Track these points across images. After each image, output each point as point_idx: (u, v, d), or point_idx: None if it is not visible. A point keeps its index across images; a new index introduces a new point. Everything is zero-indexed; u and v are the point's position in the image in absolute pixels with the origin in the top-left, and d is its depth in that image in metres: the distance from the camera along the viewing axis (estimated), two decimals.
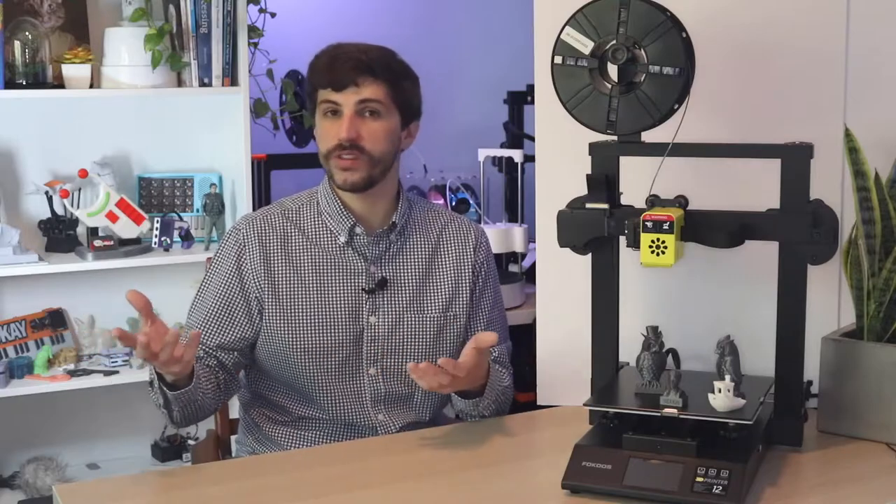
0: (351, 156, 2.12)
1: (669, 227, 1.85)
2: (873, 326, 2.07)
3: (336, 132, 2.13)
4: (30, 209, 3.37)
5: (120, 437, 3.54)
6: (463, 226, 2.32)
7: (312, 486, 1.90)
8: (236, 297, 2.16)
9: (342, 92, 2.13)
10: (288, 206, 2.25)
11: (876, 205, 2.03)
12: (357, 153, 2.13)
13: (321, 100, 2.16)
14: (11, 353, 3.25)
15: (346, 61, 2.13)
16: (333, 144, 2.13)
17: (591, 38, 1.93)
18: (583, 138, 2.03)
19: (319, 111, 2.17)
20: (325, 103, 2.15)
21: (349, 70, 2.12)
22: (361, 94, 2.12)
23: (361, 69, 2.13)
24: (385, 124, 2.15)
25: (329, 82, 2.14)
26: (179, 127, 3.53)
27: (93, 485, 2.21)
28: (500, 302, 2.36)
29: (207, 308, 2.17)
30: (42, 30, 3.19)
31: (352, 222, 2.18)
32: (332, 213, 2.20)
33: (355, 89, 2.12)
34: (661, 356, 1.99)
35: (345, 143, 2.12)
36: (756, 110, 2.24)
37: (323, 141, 2.17)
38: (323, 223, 2.21)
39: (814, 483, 1.89)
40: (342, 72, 2.12)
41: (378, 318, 2.19)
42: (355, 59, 2.13)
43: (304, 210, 2.23)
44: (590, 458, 1.81)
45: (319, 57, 2.18)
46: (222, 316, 2.16)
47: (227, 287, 2.17)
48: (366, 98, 2.13)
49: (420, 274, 2.23)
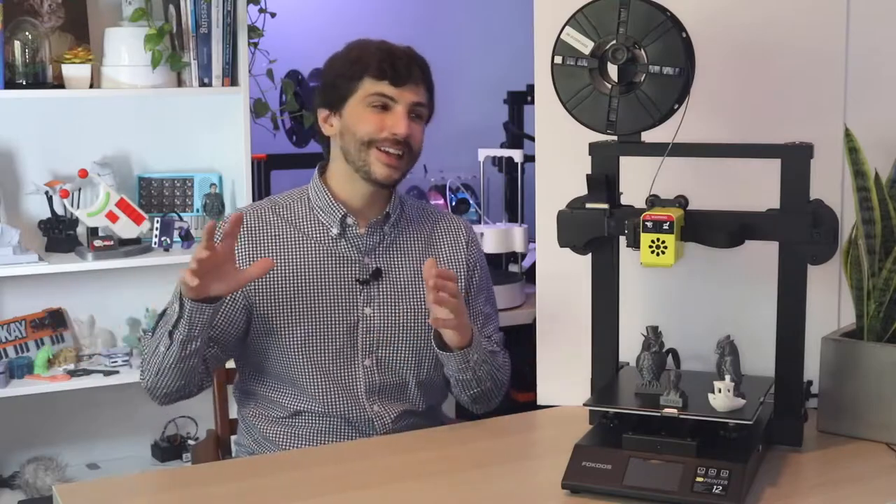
0: (399, 152, 2.15)
1: (669, 227, 1.85)
2: (873, 326, 2.07)
3: (389, 125, 2.14)
4: (30, 209, 3.37)
5: (120, 437, 3.54)
6: (454, 222, 2.35)
7: (312, 486, 1.90)
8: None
9: (402, 87, 2.15)
10: (279, 203, 2.26)
11: (876, 205, 2.03)
12: (405, 150, 2.16)
13: (373, 91, 2.15)
14: (11, 353, 3.25)
15: (410, 59, 2.17)
16: (384, 136, 2.14)
17: (591, 38, 1.93)
18: (583, 138, 2.03)
19: (363, 102, 2.16)
20: (377, 95, 2.15)
21: (414, 68, 2.16)
22: (418, 94, 2.17)
23: (423, 71, 2.18)
24: (422, 127, 2.22)
25: (391, 74, 2.14)
26: (179, 127, 3.52)
27: (93, 485, 2.21)
28: (493, 295, 2.39)
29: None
30: (42, 30, 3.19)
31: (342, 213, 2.19)
32: (324, 206, 2.21)
33: (414, 87, 2.16)
34: (661, 356, 1.99)
35: (399, 139, 2.14)
36: (756, 110, 2.24)
37: (368, 129, 2.15)
38: (315, 217, 2.22)
39: (814, 483, 1.89)
40: (406, 67, 2.15)
41: (373, 309, 2.19)
42: (416, 59, 2.18)
43: (295, 205, 2.24)
44: (590, 458, 1.81)
45: (367, 48, 2.18)
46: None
47: None
48: (419, 100, 2.18)
49: (414, 265, 2.25)
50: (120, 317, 3.45)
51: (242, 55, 3.34)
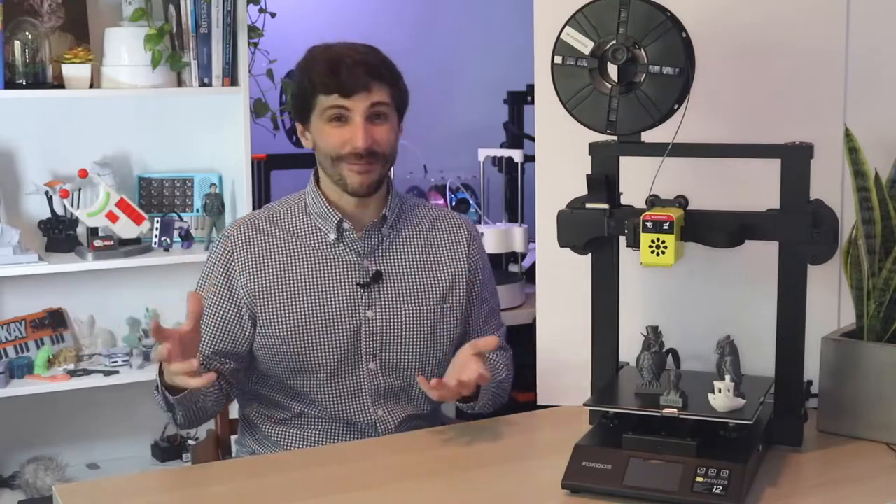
0: (366, 162, 2.13)
1: (669, 227, 1.85)
2: (873, 326, 2.07)
3: (348, 139, 2.11)
4: (30, 209, 3.37)
5: (120, 437, 3.54)
6: (454, 220, 2.33)
7: (312, 486, 1.90)
8: (227, 307, 2.16)
9: (352, 97, 2.10)
10: (276, 210, 2.25)
11: (876, 205, 2.03)
12: (372, 159, 2.13)
13: (327, 105, 2.12)
14: (11, 353, 3.25)
15: (354, 66, 2.10)
16: (346, 151, 2.12)
17: (591, 38, 1.93)
18: (583, 138, 2.03)
19: (322, 117, 2.14)
20: (332, 109, 2.12)
21: (360, 75, 2.10)
22: (372, 98, 2.11)
23: (371, 74, 2.11)
24: (391, 125, 2.17)
25: (337, 88, 2.10)
26: (179, 127, 3.52)
27: (93, 485, 2.21)
28: (495, 292, 2.39)
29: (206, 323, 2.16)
30: (42, 30, 3.19)
31: (338, 218, 2.19)
32: (320, 212, 2.21)
33: (365, 94, 2.11)
34: (661, 356, 1.99)
35: (361, 153, 2.11)
36: (756, 110, 2.24)
37: (331, 146, 2.14)
38: (312, 223, 2.22)
39: (814, 483, 1.89)
40: (351, 76, 2.10)
41: (375, 312, 2.19)
42: (363, 64, 2.11)
43: (292, 212, 2.24)
44: (590, 458, 1.81)
45: (315, 60, 2.15)
46: (215, 326, 2.16)
47: (218, 298, 2.17)
48: (376, 101, 2.12)
49: (414, 266, 2.24)
50: (120, 317, 3.45)
51: (242, 55, 3.34)
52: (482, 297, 2.32)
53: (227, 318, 2.16)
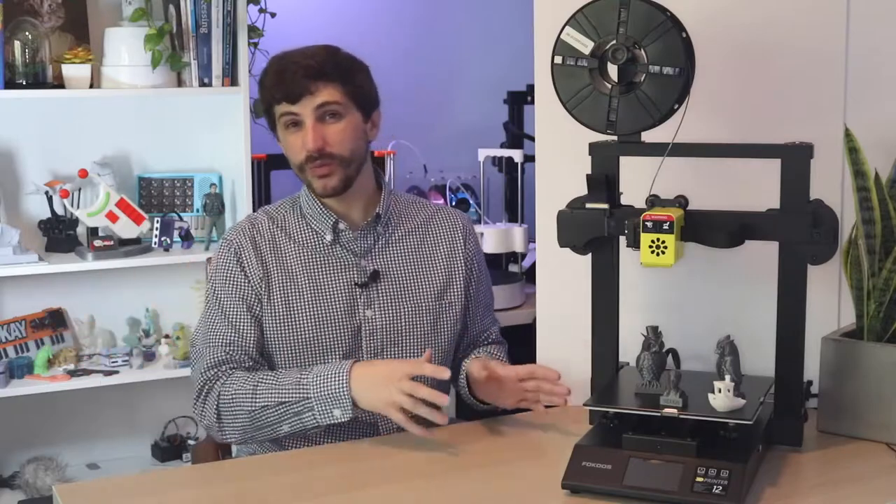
0: (323, 163, 2.13)
1: (669, 227, 1.85)
2: (873, 326, 2.07)
3: (302, 144, 2.13)
4: (30, 209, 3.37)
5: (120, 437, 3.54)
6: (450, 216, 2.34)
7: (312, 486, 1.90)
8: (252, 299, 2.17)
9: (298, 102, 2.11)
10: (273, 213, 2.26)
11: (876, 205, 2.03)
12: (328, 160, 2.13)
13: (279, 114, 2.15)
14: (11, 353, 3.25)
15: (296, 70, 2.11)
16: (304, 157, 2.14)
17: (591, 38, 1.93)
18: (583, 138, 2.03)
19: (280, 125, 2.17)
20: (285, 116, 2.14)
21: (300, 78, 2.10)
22: (317, 100, 2.11)
23: (311, 75, 2.11)
24: (347, 123, 2.15)
25: (283, 95, 2.12)
26: (179, 127, 3.53)
27: (93, 485, 2.21)
28: (490, 286, 2.40)
29: (235, 315, 2.16)
30: (42, 30, 3.19)
31: (334, 220, 2.19)
32: (315, 214, 2.21)
33: (310, 97, 2.11)
34: (661, 356, 1.99)
35: (314, 154, 2.12)
36: (756, 110, 2.24)
37: (292, 154, 2.17)
38: (307, 225, 2.22)
39: (814, 483, 1.89)
40: (293, 82, 2.11)
41: (374, 311, 2.20)
42: (303, 66, 2.11)
43: (288, 215, 2.25)
44: (590, 458, 1.81)
45: (266, 72, 2.17)
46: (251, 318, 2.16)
47: (243, 291, 2.17)
48: (322, 102, 2.12)
49: (411, 264, 2.25)
50: (120, 317, 3.45)
51: (242, 55, 3.34)
52: (479, 290, 2.33)
53: (253, 305, 2.16)
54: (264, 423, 2.06)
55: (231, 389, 2.08)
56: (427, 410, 1.95)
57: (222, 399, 2.08)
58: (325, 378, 2.03)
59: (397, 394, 1.95)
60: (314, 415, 2.03)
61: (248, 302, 2.16)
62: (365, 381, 2.01)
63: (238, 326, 2.15)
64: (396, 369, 1.98)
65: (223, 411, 2.09)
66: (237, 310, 2.16)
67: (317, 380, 2.03)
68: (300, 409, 2.03)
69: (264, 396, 2.05)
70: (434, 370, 1.97)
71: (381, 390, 1.98)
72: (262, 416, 2.06)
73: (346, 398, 2.01)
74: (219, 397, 2.08)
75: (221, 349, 2.14)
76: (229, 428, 2.10)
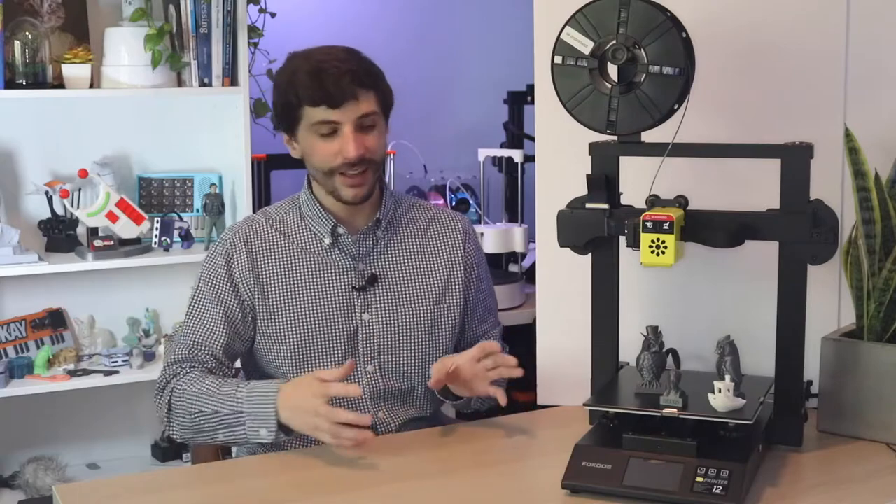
0: (360, 171, 2.11)
1: (669, 227, 1.85)
2: (873, 326, 2.07)
3: (339, 150, 2.09)
4: (30, 209, 3.37)
5: (120, 437, 3.54)
6: (451, 220, 2.33)
7: (312, 486, 1.90)
8: (231, 301, 2.16)
9: (340, 108, 2.07)
10: (271, 215, 2.25)
11: (876, 205, 2.03)
12: (365, 167, 2.12)
13: (315, 120, 2.09)
14: (11, 353, 3.25)
15: (340, 75, 2.06)
16: (339, 163, 2.10)
17: (591, 38, 1.93)
18: (583, 138, 2.03)
19: (310, 130, 2.11)
20: (322, 125, 2.09)
21: (346, 84, 2.06)
22: (361, 110, 2.09)
23: (356, 82, 2.07)
24: (380, 132, 2.15)
25: (324, 99, 2.07)
26: (179, 127, 3.52)
27: (93, 485, 2.21)
28: (492, 289, 2.39)
29: (208, 315, 2.16)
30: (42, 30, 3.19)
31: (333, 223, 2.19)
32: (315, 217, 2.21)
33: (354, 103, 2.08)
34: (661, 356, 1.99)
35: (353, 161, 2.09)
36: (756, 110, 2.24)
37: (322, 160, 2.12)
38: (307, 227, 2.22)
39: (814, 483, 1.89)
40: (336, 86, 2.05)
41: (371, 315, 2.19)
42: (347, 72, 2.06)
43: (287, 217, 2.24)
44: (590, 458, 1.81)
45: (298, 71, 2.10)
46: (222, 321, 2.15)
47: (223, 294, 2.17)
48: (365, 113, 2.09)
49: (409, 268, 2.24)
50: (120, 317, 3.45)
51: (242, 55, 3.34)
52: (479, 294, 2.32)
53: (233, 313, 2.16)
54: (201, 427, 2.06)
55: (182, 387, 2.07)
56: (352, 433, 1.91)
57: (174, 395, 2.08)
58: (257, 395, 2.00)
59: (317, 419, 1.92)
60: (245, 430, 2.01)
61: (227, 305, 2.15)
62: (290, 404, 1.97)
63: (208, 326, 2.14)
64: (315, 393, 1.92)
65: (173, 407, 2.09)
66: (211, 310, 2.16)
67: (250, 395, 2.00)
68: (232, 421, 2.01)
69: (203, 402, 2.04)
70: (340, 390, 1.93)
71: (303, 415, 1.94)
72: (199, 421, 2.05)
73: (272, 420, 1.97)
74: (171, 392, 2.08)
75: (187, 347, 2.14)
76: (175, 425, 2.10)
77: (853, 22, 2.16)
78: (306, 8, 4.23)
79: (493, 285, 2.40)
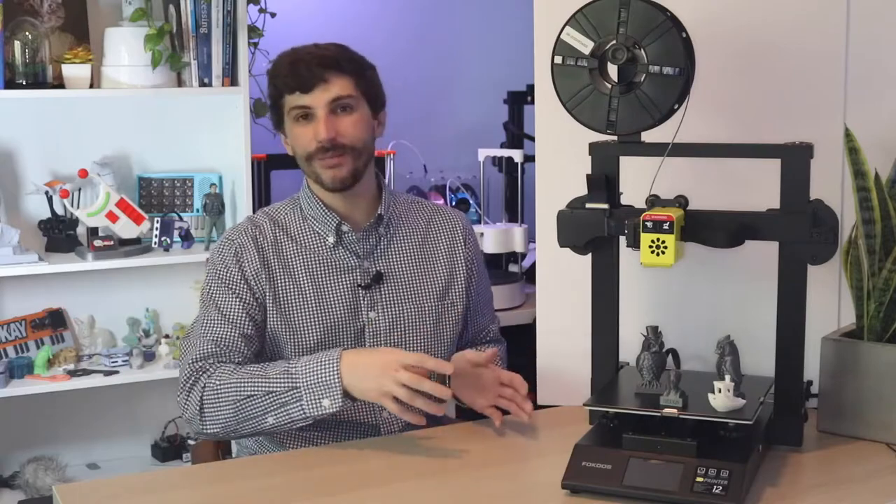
0: (335, 154, 2.14)
1: (669, 227, 1.85)
2: (873, 326, 2.07)
3: (313, 135, 2.13)
4: (30, 209, 3.37)
5: (120, 437, 3.54)
6: (450, 216, 2.35)
7: (312, 486, 1.90)
8: (248, 297, 2.16)
9: (311, 93, 2.12)
10: (274, 215, 2.26)
11: (876, 205, 2.03)
12: (339, 150, 2.14)
13: (290, 106, 2.15)
14: (11, 353, 3.25)
15: (309, 61, 2.13)
16: (314, 148, 2.14)
17: (591, 38, 1.93)
18: (583, 138, 2.03)
19: (290, 118, 2.17)
20: (296, 109, 2.15)
21: (314, 68, 2.12)
22: (331, 92, 2.13)
23: (326, 66, 2.13)
24: (359, 115, 2.17)
25: (297, 85, 2.13)
26: (179, 127, 3.52)
27: (93, 485, 2.21)
28: (488, 284, 2.41)
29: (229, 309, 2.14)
30: (42, 30, 3.19)
31: (337, 221, 2.19)
32: (317, 216, 2.21)
33: (325, 86, 2.12)
34: (661, 356, 1.99)
35: (326, 145, 2.13)
36: (756, 110, 2.24)
37: (300, 146, 2.17)
38: (309, 227, 2.22)
39: (814, 483, 1.89)
40: (307, 70, 2.12)
41: (377, 313, 2.20)
42: (318, 57, 2.13)
43: (289, 217, 2.24)
44: (590, 458, 1.81)
45: (278, 64, 2.18)
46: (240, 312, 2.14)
47: (236, 287, 2.16)
48: (336, 95, 2.13)
49: (413, 265, 2.25)
50: (120, 317, 3.45)
51: (242, 55, 3.34)
52: (479, 289, 2.34)
53: (249, 304, 2.15)
54: (249, 414, 2.02)
55: (217, 381, 2.04)
56: (424, 402, 1.94)
57: (207, 390, 2.05)
58: (314, 366, 1.99)
59: (393, 384, 1.93)
60: (302, 405, 1.99)
61: (244, 300, 2.15)
62: (357, 370, 1.97)
63: (232, 320, 2.13)
64: (392, 359, 1.95)
65: (206, 403, 2.05)
66: (231, 305, 2.14)
67: (306, 368, 1.99)
68: (288, 398, 2.00)
69: (251, 386, 2.02)
70: (437, 364, 1.96)
71: (376, 379, 1.94)
72: (247, 407, 2.02)
73: (337, 387, 1.97)
74: (203, 389, 2.05)
75: (212, 342, 2.11)
76: (211, 420, 2.05)
77: (853, 22, 2.16)
78: (306, 8, 4.23)
79: (489, 280, 2.42)
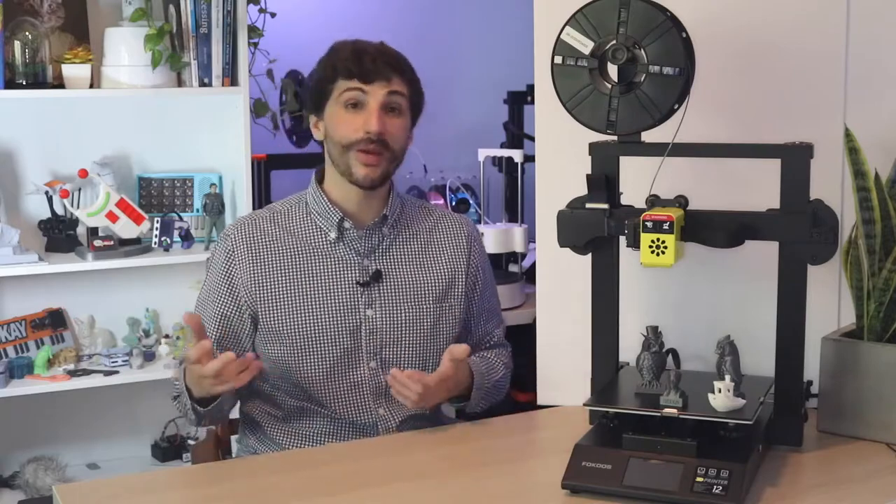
0: (376, 150, 2.15)
1: (669, 227, 1.85)
2: (873, 326, 2.07)
3: (361, 124, 2.14)
4: (30, 209, 3.37)
5: (120, 437, 3.54)
6: (455, 221, 2.35)
7: (312, 486, 1.90)
8: (228, 305, 2.19)
9: (372, 84, 2.14)
10: (277, 210, 2.27)
11: (876, 205, 2.03)
12: (382, 148, 2.15)
13: (345, 89, 2.15)
14: (11, 353, 3.25)
15: (377, 55, 2.16)
16: (359, 137, 2.14)
17: (591, 38, 1.93)
18: (583, 138, 2.03)
19: (338, 102, 2.17)
20: (350, 92, 2.15)
21: (381, 64, 2.15)
22: (391, 87, 2.15)
23: (391, 64, 2.16)
24: (404, 122, 2.20)
25: (358, 73, 2.14)
26: (179, 127, 3.53)
27: (93, 485, 2.21)
28: (495, 291, 2.41)
29: (205, 312, 2.19)
30: (42, 30, 3.19)
31: (339, 217, 2.20)
32: (321, 211, 2.22)
33: (384, 83, 2.15)
34: (661, 356, 1.99)
35: (373, 137, 2.13)
36: (756, 110, 2.24)
37: (343, 134, 2.16)
38: (312, 222, 2.23)
39: (814, 483, 1.89)
40: (372, 64, 2.14)
41: (375, 311, 2.20)
42: (384, 53, 2.17)
43: (293, 211, 2.25)
44: (590, 458, 1.81)
45: (339, 48, 2.20)
46: (217, 323, 2.18)
47: (219, 295, 2.20)
48: (394, 91, 2.16)
49: (414, 266, 2.25)
50: (120, 317, 3.45)
51: (242, 55, 3.34)
52: (484, 296, 2.33)
53: (229, 315, 2.18)
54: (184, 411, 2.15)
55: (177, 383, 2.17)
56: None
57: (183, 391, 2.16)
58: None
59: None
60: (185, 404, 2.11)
61: (223, 303, 2.19)
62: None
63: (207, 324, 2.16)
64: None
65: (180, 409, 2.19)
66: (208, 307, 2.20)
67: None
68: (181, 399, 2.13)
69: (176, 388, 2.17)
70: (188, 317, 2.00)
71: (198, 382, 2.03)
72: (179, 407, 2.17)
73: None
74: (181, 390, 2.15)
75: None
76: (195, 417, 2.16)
77: (853, 22, 2.16)
78: (306, 8, 4.24)
79: (496, 288, 2.42)
